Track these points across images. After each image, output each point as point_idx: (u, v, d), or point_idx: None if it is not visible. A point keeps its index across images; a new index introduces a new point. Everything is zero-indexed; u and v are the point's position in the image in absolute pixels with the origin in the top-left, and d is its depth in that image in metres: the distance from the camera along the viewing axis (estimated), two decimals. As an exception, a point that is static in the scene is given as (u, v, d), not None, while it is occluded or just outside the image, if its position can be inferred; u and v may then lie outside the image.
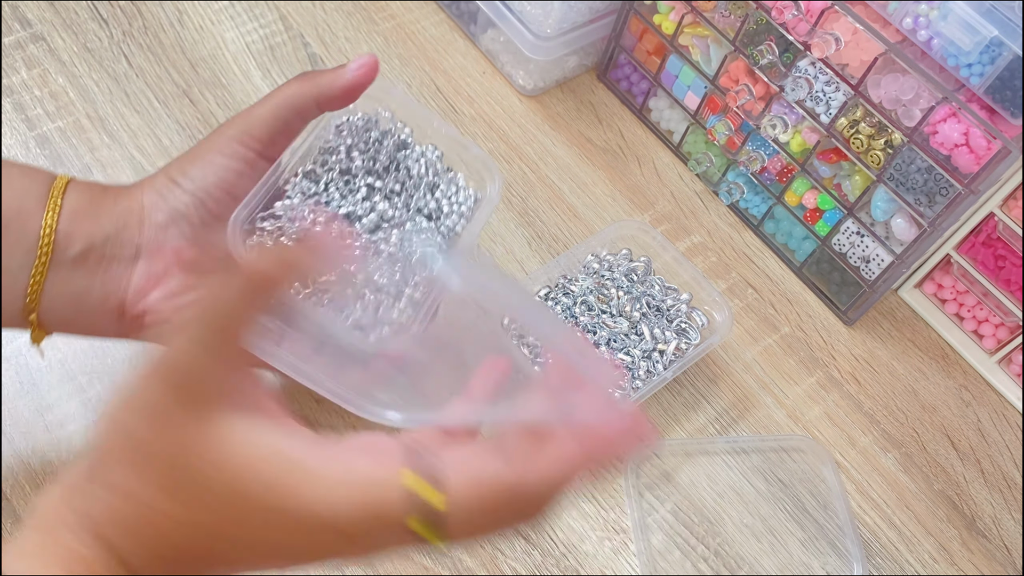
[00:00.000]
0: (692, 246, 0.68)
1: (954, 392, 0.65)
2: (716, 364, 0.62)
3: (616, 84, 0.76)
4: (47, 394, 0.52)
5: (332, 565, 0.50)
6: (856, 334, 0.66)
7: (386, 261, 0.47)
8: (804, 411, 0.61)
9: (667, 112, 0.73)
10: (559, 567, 0.52)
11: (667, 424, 0.59)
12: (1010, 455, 0.63)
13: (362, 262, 0.46)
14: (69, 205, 0.43)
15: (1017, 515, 0.60)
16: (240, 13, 0.73)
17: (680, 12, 0.67)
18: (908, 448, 0.61)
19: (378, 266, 0.46)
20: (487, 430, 0.38)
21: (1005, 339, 0.65)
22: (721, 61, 0.65)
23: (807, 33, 0.58)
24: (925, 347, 0.67)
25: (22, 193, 0.42)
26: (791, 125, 0.63)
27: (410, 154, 0.50)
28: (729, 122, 0.67)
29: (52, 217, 0.42)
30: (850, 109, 0.59)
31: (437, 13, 0.77)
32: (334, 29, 0.74)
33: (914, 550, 0.57)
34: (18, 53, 0.66)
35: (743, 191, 0.69)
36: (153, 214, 0.44)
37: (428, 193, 0.50)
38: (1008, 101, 0.52)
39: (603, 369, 0.42)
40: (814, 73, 0.60)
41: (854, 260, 0.64)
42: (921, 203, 0.58)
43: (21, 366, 0.53)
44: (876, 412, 0.63)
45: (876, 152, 0.58)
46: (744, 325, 0.65)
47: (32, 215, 0.42)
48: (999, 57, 0.51)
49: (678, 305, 0.59)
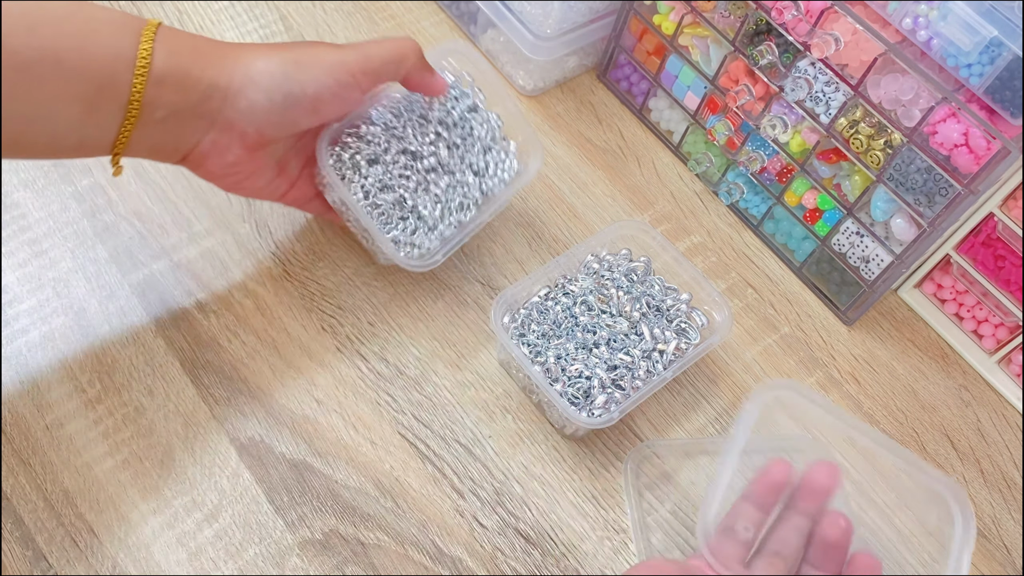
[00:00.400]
0: (692, 246, 0.68)
1: (954, 392, 0.65)
2: (716, 364, 0.62)
3: (616, 84, 0.76)
4: (47, 394, 0.53)
5: (332, 565, 0.50)
6: (856, 334, 0.66)
7: (432, 198, 0.56)
8: (804, 411, 0.61)
9: (667, 112, 0.73)
10: (559, 567, 0.52)
11: (667, 424, 0.59)
12: (1010, 455, 0.63)
13: (414, 193, 0.56)
14: (157, 70, 0.46)
15: (1017, 515, 0.60)
16: (240, 13, 0.73)
17: (680, 12, 0.67)
18: (908, 448, 0.61)
19: (424, 201, 0.56)
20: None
21: (1005, 339, 0.65)
22: (721, 61, 0.65)
23: (807, 33, 0.58)
24: (925, 347, 0.67)
25: (113, 57, 0.45)
26: (791, 125, 0.63)
27: (477, 116, 0.59)
28: (729, 122, 0.67)
29: (140, 83, 0.46)
30: (850, 109, 0.59)
31: (437, 13, 0.77)
32: (334, 29, 0.74)
33: (914, 550, 0.57)
34: (18, 53, 0.66)
35: (743, 191, 0.69)
36: (238, 99, 0.49)
37: (482, 153, 0.58)
38: (1008, 101, 0.52)
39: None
40: (814, 73, 0.60)
41: (854, 260, 0.64)
42: (921, 203, 0.58)
43: (21, 366, 0.53)
44: (876, 412, 0.63)
45: (876, 152, 0.59)
46: (744, 325, 0.65)
47: (122, 79, 0.45)
48: (999, 57, 0.51)
49: (678, 305, 0.59)
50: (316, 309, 0.59)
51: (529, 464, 0.55)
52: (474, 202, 0.58)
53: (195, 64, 0.47)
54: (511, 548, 0.52)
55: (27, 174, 0.61)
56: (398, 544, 0.51)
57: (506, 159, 0.59)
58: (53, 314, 0.55)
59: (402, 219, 0.56)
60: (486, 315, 0.61)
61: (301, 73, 0.50)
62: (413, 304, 0.60)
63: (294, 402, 0.55)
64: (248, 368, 0.56)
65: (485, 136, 0.59)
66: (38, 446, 0.51)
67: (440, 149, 0.57)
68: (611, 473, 0.56)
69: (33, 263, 0.57)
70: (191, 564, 0.49)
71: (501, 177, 0.59)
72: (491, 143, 0.59)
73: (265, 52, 0.50)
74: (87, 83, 0.44)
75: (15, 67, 0.42)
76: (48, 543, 0.48)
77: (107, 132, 0.46)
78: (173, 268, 0.58)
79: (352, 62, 0.51)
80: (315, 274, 0.60)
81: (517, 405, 0.58)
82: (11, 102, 0.43)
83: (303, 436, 0.54)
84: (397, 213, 0.56)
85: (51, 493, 0.49)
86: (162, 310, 0.57)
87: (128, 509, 0.50)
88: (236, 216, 0.62)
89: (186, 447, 0.52)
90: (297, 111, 0.51)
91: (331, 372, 0.57)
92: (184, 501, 0.51)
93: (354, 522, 0.51)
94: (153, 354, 0.55)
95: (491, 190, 0.58)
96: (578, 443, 0.57)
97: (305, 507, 0.51)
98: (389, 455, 0.54)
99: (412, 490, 0.53)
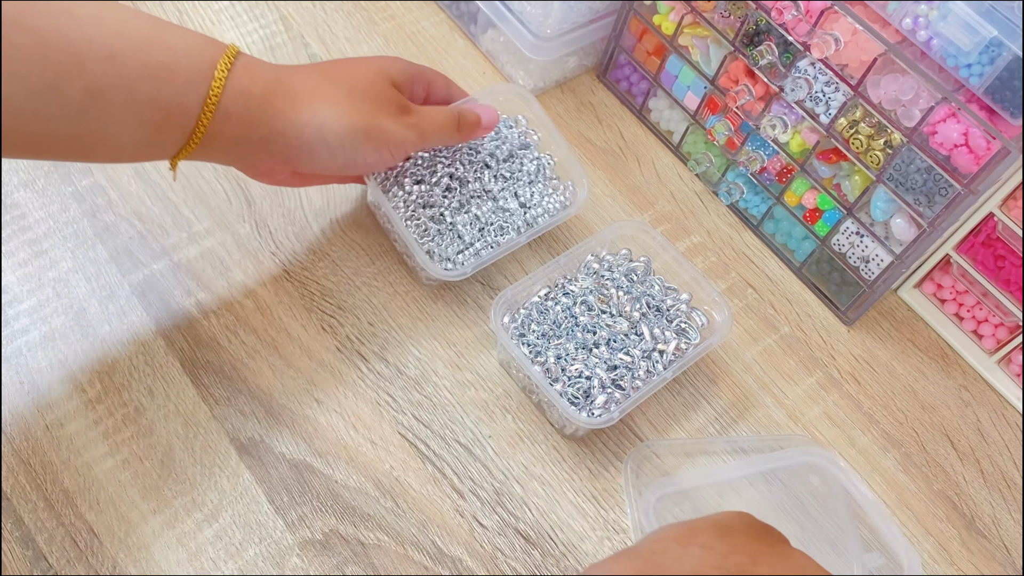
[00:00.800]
0: (692, 246, 0.68)
1: (954, 392, 0.65)
2: (716, 364, 0.62)
3: (616, 84, 0.76)
4: (47, 394, 0.53)
5: (332, 565, 0.50)
6: (856, 334, 0.66)
7: (471, 218, 0.59)
8: (804, 411, 0.61)
9: (667, 112, 0.73)
10: (559, 567, 0.52)
11: (667, 424, 0.59)
12: (1009, 455, 0.63)
13: (455, 212, 0.59)
14: (225, 107, 0.47)
15: (1017, 515, 0.60)
16: (240, 13, 0.73)
17: (680, 12, 0.67)
18: (908, 448, 0.61)
19: (464, 220, 0.59)
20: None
21: (1005, 339, 0.65)
22: (721, 61, 0.65)
23: (807, 33, 0.58)
24: (925, 347, 0.67)
25: (186, 90, 0.46)
26: (791, 125, 0.63)
27: (528, 153, 0.62)
28: (729, 122, 0.67)
29: (207, 118, 0.47)
30: (850, 109, 0.59)
31: (437, 13, 0.77)
32: (334, 29, 0.74)
33: (913, 550, 0.57)
34: (18, 53, 0.66)
35: (743, 191, 0.69)
36: (302, 149, 0.51)
37: (528, 185, 0.61)
38: (1008, 101, 0.52)
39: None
40: (814, 73, 0.60)
41: (854, 260, 0.64)
42: (921, 203, 0.58)
43: (21, 366, 0.53)
44: (876, 412, 0.63)
45: (875, 152, 0.59)
46: (744, 325, 0.65)
47: (191, 111, 0.47)
48: (999, 57, 0.51)
49: (678, 305, 0.59)
50: (316, 309, 0.59)
51: (529, 464, 0.55)
52: (515, 229, 0.60)
53: (264, 108, 0.49)
54: (511, 548, 0.52)
55: (27, 174, 0.61)
56: (398, 544, 0.51)
57: (553, 194, 0.62)
58: (53, 314, 0.55)
59: (439, 234, 0.58)
60: (486, 315, 0.61)
61: (367, 145, 0.52)
62: (413, 304, 0.60)
63: (294, 402, 0.55)
64: (248, 368, 0.56)
65: (534, 172, 0.62)
66: (38, 446, 0.51)
67: (486, 177, 0.61)
68: (611, 473, 0.56)
69: (33, 263, 0.57)
70: (191, 564, 0.49)
71: (546, 208, 0.61)
72: (539, 179, 0.62)
73: (335, 112, 0.51)
74: (157, 111, 0.46)
75: (90, 92, 0.43)
76: (48, 543, 0.48)
77: (168, 150, 0.48)
78: (173, 268, 0.58)
79: (411, 142, 0.55)
80: (315, 274, 0.60)
81: (517, 405, 0.58)
82: (81, 121, 0.44)
83: (303, 436, 0.54)
84: (435, 228, 0.58)
85: (51, 493, 0.49)
86: (162, 310, 0.57)
87: (128, 509, 0.50)
88: (236, 216, 0.62)
89: (186, 447, 0.52)
90: (353, 171, 0.56)
91: (331, 372, 0.57)
92: (184, 501, 0.51)
93: (354, 522, 0.51)
94: (153, 354, 0.55)
95: (535, 219, 0.61)
96: (578, 443, 0.57)
97: (305, 507, 0.51)
98: (389, 455, 0.54)
99: (412, 490, 0.53)
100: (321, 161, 0.52)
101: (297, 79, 0.51)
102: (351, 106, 0.51)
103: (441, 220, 0.59)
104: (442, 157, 0.60)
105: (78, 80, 0.42)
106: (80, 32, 0.42)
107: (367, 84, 0.53)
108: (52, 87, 0.42)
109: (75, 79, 0.42)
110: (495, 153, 0.62)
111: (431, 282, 0.61)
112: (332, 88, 0.52)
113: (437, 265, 0.58)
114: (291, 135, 0.50)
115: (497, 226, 0.60)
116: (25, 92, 0.41)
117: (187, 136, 0.47)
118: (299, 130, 0.50)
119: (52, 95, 0.42)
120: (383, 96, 0.53)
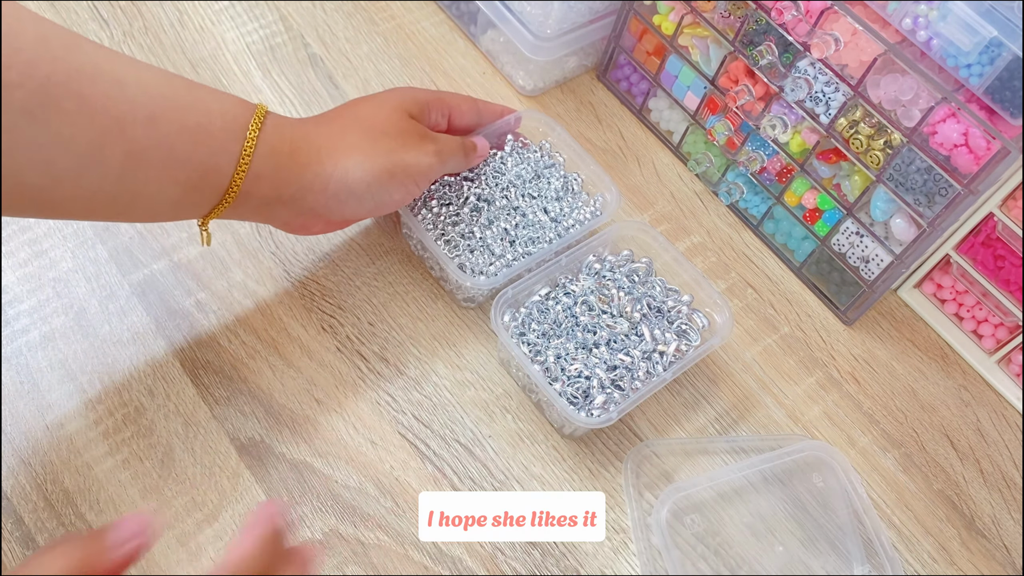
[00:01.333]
0: (692, 246, 0.68)
1: (953, 392, 0.65)
2: (716, 364, 0.62)
3: (616, 84, 0.76)
4: (47, 394, 0.53)
5: (333, 565, 0.50)
6: (855, 334, 0.66)
7: (502, 232, 0.60)
8: (804, 411, 0.61)
9: (667, 112, 0.73)
10: (559, 567, 0.52)
11: (667, 424, 0.59)
12: (1009, 455, 0.63)
13: (484, 227, 0.60)
14: (257, 168, 0.49)
15: (1016, 515, 0.60)
16: (240, 13, 0.73)
17: (680, 12, 0.67)
18: (907, 448, 0.61)
19: (494, 234, 0.60)
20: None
21: (1004, 339, 0.65)
22: (721, 61, 0.65)
23: (807, 34, 0.58)
24: (924, 347, 0.67)
25: (220, 151, 0.47)
26: (791, 125, 0.63)
27: (554, 172, 0.64)
28: (729, 122, 0.67)
29: (240, 178, 0.48)
30: (849, 109, 0.59)
31: (437, 14, 0.77)
32: (334, 29, 0.74)
33: (913, 550, 0.57)
34: (18, 53, 0.66)
35: (743, 191, 0.69)
36: (331, 200, 0.52)
37: (555, 202, 0.63)
38: (1007, 101, 0.52)
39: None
40: (814, 73, 0.60)
41: (853, 260, 0.64)
42: (920, 203, 0.58)
43: (21, 366, 0.53)
44: (876, 412, 0.63)
45: (875, 152, 0.59)
46: (744, 325, 0.65)
47: (224, 171, 0.48)
48: (998, 57, 0.51)
49: (679, 307, 0.59)
50: (316, 309, 0.59)
51: (529, 464, 0.55)
52: (546, 240, 0.61)
53: (293, 164, 0.50)
54: (511, 548, 0.52)
55: (27, 174, 0.61)
56: (398, 544, 0.51)
57: (582, 207, 0.63)
58: (53, 314, 0.55)
59: (470, 250, 0.59)
60: (486, 315, 0.61)
61: (391, 184, 0.53)
62: (413, 304, 0.60)
63: (294, 402, 0.55)
64: (248, 368, 0.56)
65: (561, 188, 0.63)
66: (38, 446, 0.51)
67: (512, 194, 0.62)
68: (611, 473, 0.56)
69: (33, 263, 0.57)
70: (191, 564, 0.49)
71: (579, 220, 0.62)
72: (567, 195, 0.63)
73: (358, 159, 0.52)
74: (192, 171, 0.47)
75: (131, 154, 0.44)
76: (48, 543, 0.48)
77: (201, 209, 0.49)
78: (173, 268, 0.58)
79: (435, 168, 0.56)
80: (315, 274, 0.60)
81: (517, 405, 0.58)
82: (121, 182, 0.44)
83: (303, 436, 0.54)
84: (465, 244, 0.59)
85: (51, 493, 0.49)
86: (162, 310, 0.57)
87: (128, 509, 0.50)
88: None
89: (186, 447, 0.52)
90: (384, 211, 0.56)
91: (331, 372, 0.57)
92: (184, 501, 0.51)
93: (354, 522, 0.51)
94: (153, 354, 0.55)
95: (566, 231, 0.61)
96: (578, 443, 0.57)
97: (305, 507, 0.51)
98: (389, 455, 0.54)
99: (412, 490, 0.53)
100: (351, 208, 0.54)
101: (319, 131, 0.52)
102: (372, 149, 0.53)
103: (471, 236, 0.60)
104: (468, 180, 0.62)
105: (120, 143, 0.43)
106: (124, 96, 0.43)
107: (384, 122, 0.54)
108: (96, 150, 0.43)
109: (117, 142, 0.43)
110: (521, 175, 0.63)
111: (469, 304, 0.61)
112: (352, 135, 0.53)
113: (467, 279, 0.57)
114: (318, 189, 0.51)
115: (527, 238, 0.60)
116: (69, 155, 0.42)
117: (220, 196, 0.48)
118: (324, 183, 0.51)
119: (95, 158, 0.43)
120: (402, 131, 0.54)
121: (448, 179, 0.62)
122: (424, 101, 0.57)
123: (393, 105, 0.55)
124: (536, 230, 0.61)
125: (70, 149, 0.42)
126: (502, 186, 0.62)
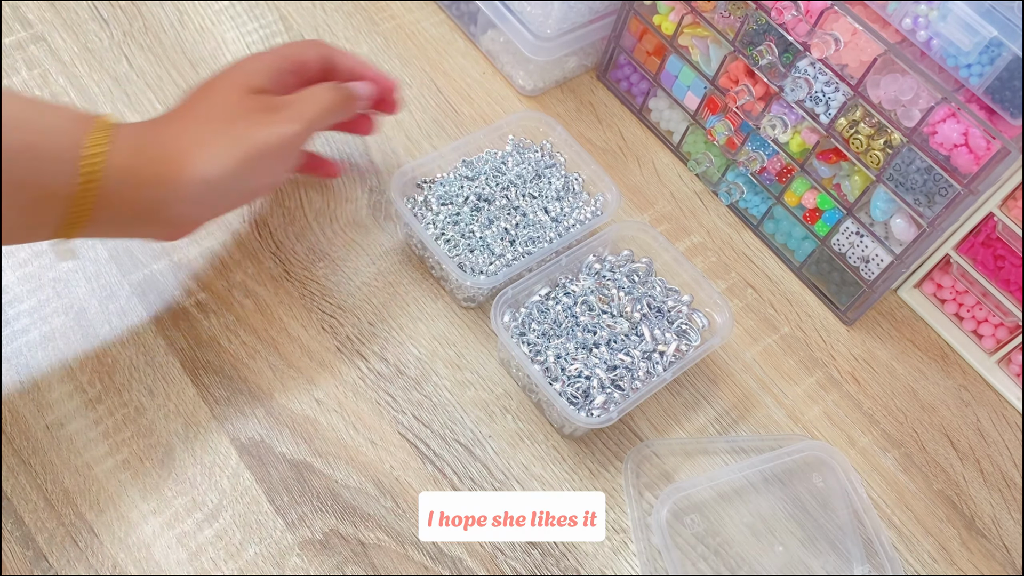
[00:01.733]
0: (692, 246, 0.68)
1: (953, 392, 0.65)
2: (716, 364, 0.62)
3: (616, 84, 0.76)
4: (47, 394, 0.53)
5: (333, 565, 0.50)
6: (855, 334, 0.66)
7: (502, 232, 0.60)
8: (804, 411, 0.61)
9: (667, 112, 0.73)
10: (559, 567, 0.52)
11: (667, 424, 0.59)
12: (1009, 455, 0.63)
13: (484, 227, 0.60)
14: (104, 187, 0.45)
15: (1017, 515, 0.60)
16: (240, 13, 0.73)
17: (680, 12, 0.67)
18: (907, 448, 0.61)
19: (494, 234, 0.60)
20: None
21: (1004, 339, 0.65)
22: (721, 61, 0.65)
23: (807, 33, 0.58)
24: (924, 347, 0.67)
25: (50, 169, 0.44)
26: (791, 125, 0.63)
27: (554, 172, 0.64)
28: (729, 122, 0.67)
29: (84, 201, 0.45)
30: (849, 109, 0.59)
31: (437, 14, 0.77)
32: (334, 29, 0.74)
33: (913, 550, 0.57)
34: (19, 54, 0.66)
35: (743, 191, 0.69)
36: (193, 208, 0.49)
37: (556, 201, 0.63)
38: (1007, 101, 0.52)
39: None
40: (814, 73, 0.60)
41: (853, 260, 0.64)
42: (920, 203, 0.58)
43: (21, 366, 0.53)
44: (876, 412, 0.63)
45: (875, 152, 0.59)
46: (744, 325, 0.65)
47: (59, 198, 0.44)
48: (998, 57, 0.51)
49: (679, 307, 0.59)
50: (316, 309, 0.59)
51: (529, 464, 0.55)
52: (547, 240, 0.61)
53: (141, 181, 0.46)
54: (511, 548, 0.52)
55: (27, 174, 0.60)
56: (398, 544, 0.51)
57: (582, 207, 0.63)
58: (53, 314, 0.55)
59: (470, 250, 0.59)
60: (486, 315, 0.61)
61: (255, 169, 0.50)
62: (413, 304, 0.60)
63: (294, 402, 0.55)
64: (248, 368, 0.56)
65: (562, 188, 0.64)
66: (38, 446, 0.51)
67: (512, 194, 0.62)
68: (611, 473, 0.56)
69: (33, 263, 0.57)
70: (191, 564, 0.49)
71: (580, 219, 0.62)
72: (567, 195, 0.64)
73: (211, 152, 0.48)
74: (24, 194, 0.44)
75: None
76: (48, 543, 0.48)
77: (47, 232, 0.46)
78: (173, 268, 0.59)
79: (298, 134, 0.51)
80: (315, 274, 0.60)
81: (517, 405, 0.58)
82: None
83: (303, 436, 0.54)
84: (465, 243, 0.59)
85: (51, 493, 0.49)
86: (162, 310, 0.57)
87: (128, 509, 0.50)
88: (236, 216, 0.62)
89: (186, 447, 0.52)
90: (257, 195, 0.54)
91: (331, 372, 0.57)
92: (184, 501, 0.51)
93: (354, 522, 0.51)
94: (153, 354, 0.55)
95: (567, 229, 0.62)
96: (578, 443, 0.57)
97: (305, 507, 0.51)
98: (389, 455, 0.54)
99: (412, 490, 0.53)
100: (221, 205, 0.51)
101: (168, 132, 0.49)
102: (222, 140, 0.49)
103: (471, 236, 0.60)
104: (468, 180, 0.62)
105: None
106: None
107: (223, 106, 0.50)
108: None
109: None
110: (522, 174, 0.63)
111: (469, 304, 0.61)
112: (196, 127, 0.49)
113: (467, 278, 0.57)
114: (179, 199, 0.48)
115: (527, 238, 0.60)
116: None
117: (63, 218, 0.45)
118: (184, 191, 0.47)
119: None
120: (247, 110, 0.50)
121: (448, 179, 0.62)
122: (270, 65, 0.53)
123: (231, 86, 0.51)
124: (536, 230, 0.61)
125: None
126: (502, 185, 0.62)
